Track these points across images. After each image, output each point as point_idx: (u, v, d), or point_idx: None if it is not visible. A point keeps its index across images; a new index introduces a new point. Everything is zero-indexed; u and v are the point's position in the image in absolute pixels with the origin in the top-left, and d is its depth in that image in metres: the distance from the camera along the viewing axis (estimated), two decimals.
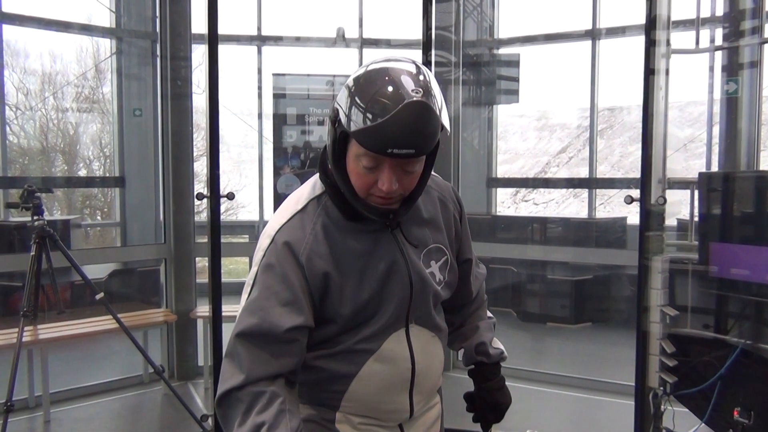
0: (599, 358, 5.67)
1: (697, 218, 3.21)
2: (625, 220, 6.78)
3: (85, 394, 4.55)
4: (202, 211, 6.52)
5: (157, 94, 5.17)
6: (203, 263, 6.03)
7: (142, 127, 5.54)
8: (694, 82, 4.60)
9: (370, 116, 1.21)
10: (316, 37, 6.16)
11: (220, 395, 1.32)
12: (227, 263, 10.14)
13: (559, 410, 4.44)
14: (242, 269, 10.19)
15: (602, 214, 9.18)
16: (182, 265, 4.93)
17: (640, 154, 3.02)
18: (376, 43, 6.23)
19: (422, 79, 1.25)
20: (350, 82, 1.28)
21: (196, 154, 5.66)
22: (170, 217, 4.90)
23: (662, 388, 3.02)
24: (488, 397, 1.64)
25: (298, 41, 6.24)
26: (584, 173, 8.69)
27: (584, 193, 8.30)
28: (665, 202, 3.01)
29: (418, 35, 3.81)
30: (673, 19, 3.07)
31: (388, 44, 6.28)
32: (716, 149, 4.51)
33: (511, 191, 13.87)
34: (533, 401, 4.44)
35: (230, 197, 3.51)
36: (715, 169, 4.63)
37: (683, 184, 3.26)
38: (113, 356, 5.28)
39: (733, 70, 4.14)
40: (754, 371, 2.91)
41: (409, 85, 1.22)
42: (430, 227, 1.49)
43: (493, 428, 1.69)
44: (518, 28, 6.79)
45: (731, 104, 4.22)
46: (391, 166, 1.27)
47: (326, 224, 1.38)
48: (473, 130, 6.51)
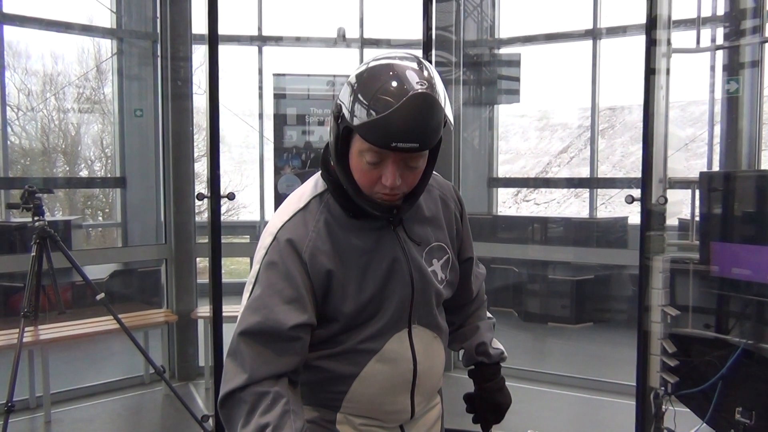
0: (600, 358, 5.66)
1: (698, 218, 3.20)
2: (626, 219, 6.77)
3: (85, 394, 4.55)
4: (202, 211, 6.52)
5: (157, 94, 5.17)
6: (204, 263, 6.03)
7: (143, 127, 5.55)
8: (695, 81, 4.60)
9: (373, 110, 1.20)
10: (316, 37, 6.16)
11: (223, 396, 1.30)
12: (228, 263, 10.14)
13: (560, 410, 4.43)
14: (243, 269, 10.19)
15: (603, 213, 9.17)
16: (183, 265, 4.93)
17: (641, 153, 3.01)
18: (376, 43, 6.23)
19: (426, 73, 1.25)
20: (353, 77, 1.28)
21: (196, 154, 5.68)
22: (171, 217, 4.90)
23: (663, 388, 3.02)
24: (488, 397, 1.63)
25: (298, 41, 6.24)
26: (585, 173, 8.69)
27: (585, 192, 8.30)
28: (666, 201, 3.01)
29: (418, 35, 3.82)
30: (673, 18, 3.07)
31: (388, 44, 6.28)
32: (717, 149, 4.51)
33: (512, 191, 13.86)
34: (534, 401, 4.44)
35: (231, 197, 3.51)
36: (716, 168, 4.62)
37: (684, 183, 3.25)
38: (114, 357, 5.28)
39: (734, 69, 4.13)
40: (755, 371, 2.90)
41: (413, 78, 1.22)
42: (431, 225, 1.49)
43: (493, 429, 1.68)
44: (519, 27, 6.80)
45: (732, 104, 4.22)
46: (394, 161, 1.27)
47: (329, 222, 1.38)
48: (474, 130, 6.51)
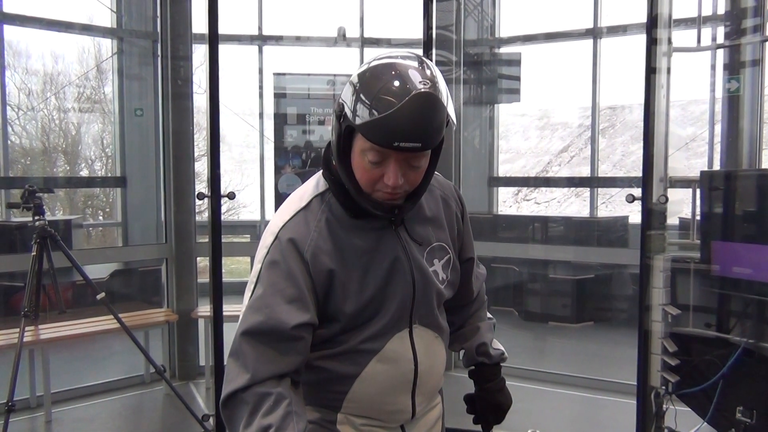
0: (601, 357, 5.66)
1: (698, 217, 3.20)
2: (626, 219, 6.77)
3: (86, 394, 4.55)
4: (203, 210, 6.52)
5: (158, 94, 5.17)
6: (204, 263, 6.03)
7: (143, 127, 5.54)
8: (695, 80, 4.60)
9: (376, 109, 1.20)
10: (316, 36, 6.16)
11: (225, 396, 1.30)
12: (228, 263, 10.14)
13: (560, 409, 4.43)
14: (243, 269, 10.19)
15: (604, 213, 9.17)
16: (183, 264, 4.93)
17: (641, 152, 3.01)
18: (376, 42, 6.23)
19: (429, 72, 1.24)
20: (355, 77, 1.27)
21: (197, 153, 5.68)
22: (171, 216, 4.90)
23: (664, 387, 3.01)
24: (489, 398, 1.63)
25: (298, 41, 6.23)
26: (586, 172, 8.68)
27: (586, 192, 8.30)
28: (667, 200, 3.00)
29: (418, 34, 3.81)
30: (674, 17, 3.06)
31: (388, 44, 6.27)
32: (718, 148, 4.50)
33: (512, 190, 13.86)
34: (535, 401, 4.43)
35: (231, 197, 3.51)
36: (717, 167, 4.62)
37: (685, 182, 3.26)
38: (114, 356, 5.28)
39: (734, 68, 4.13)
40: (756, 370, 2.90)
41: (416, 77, 1.22)
42: (432, 225, 1.49)
43: (494, 429, 1.68)
44: (519, 26, 6.80)
45: (733, 103, 4.21)
46: (397, 160, 1.26)
47: (330, 221, 1.37)
48: (474, 129, 6.51)
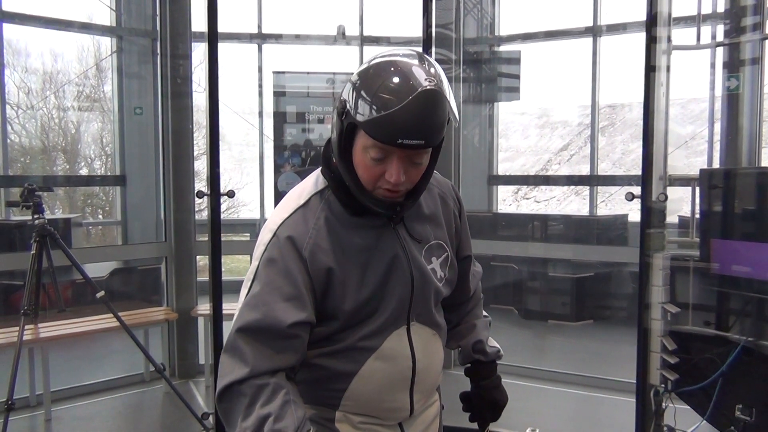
0: (600, 355, 5.66)
1: (698, 215, 3.20)
2: (626, 217, 6.76)
3: (86, 392, 4.55)
4: (202, 209, 6.52)
5: (157, 92, 5.16)
6: (204, 261, 6.03)
7: (142, 125, 5.54)
8: (695, 78, 4.60)
9: (380, 106, 1.20)
10: (316, 34, 6.16)
11: (221, 389, 1.29)
12: (228, 261, 10.14)
13: (560, 408, 4.44)
14: (243, 267, 10.19)
15: (603, 211, 9.17)
16: (183, 263, 4.93)
17: (641, 151, 3.01)
18: (376, 40, 6.22)
19: (432, 70, 1.24)
20: (358, 74, 1.27)
21: (196, 152, 5.67)
22: (171, 215, 4.89)
23: (663, 385, 3.01)
24: (485, 395, 1.63)
25: (298, 39, 6.23)
26: (585, 170, 8.69)
27: (585, 190, 8.30)
28: (666, 199, 3.00)
29: (418, 33, 3.81)
30: (674, 15, 3.06)
31: (388, 42, 6.27)
32: (717, 146, 4.51)
33: (512, 189, 13.86)
34: (534, 399, 4.44)
35: (230, 195, 3.52)
36: (716, 165, 4.62)
37: (684, 181, 3.25)
38: (114, 355, 5.28)
39: (734, 66, 4.13)
40: (755, 368, 2.90)
41: (421, 75, 1.22)
42: (431, 223, 1.49)
43: (494, 427, 1.68)
44: (519, 25, 6.80)
45: (732, 101, 4.21)
46: (399, 157, 1.26)
47: (329, 219, 1.37)
48: (474, 127, 6.51)
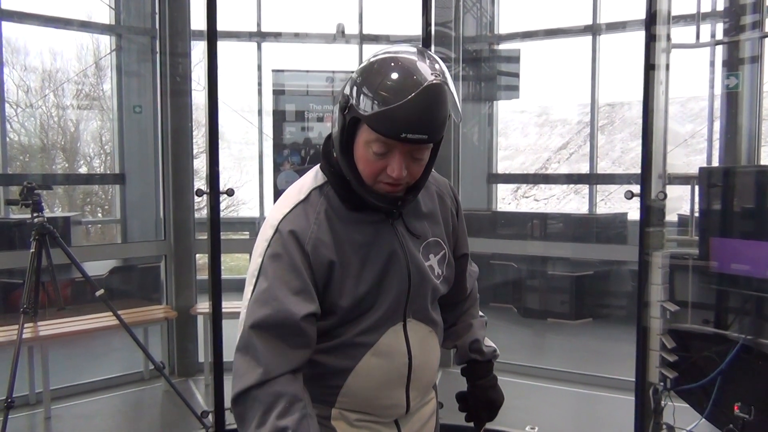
0: (600, 353, 5.67)
1: (697, 213, 3.20)
2: (625, 215, 6.77)
3: (85, 390, 4.55)
4: (202, 207, 6.51)
5: (156, 90, 5.16)
6: (203, 260, 6.03)
7: (142, 124, 5.54)
8: (694, 77, 4.59)
9: (384, 101, 1.20)
10: (315, 33, 6.15)
11: (237, 393, 1.28)
12: (227, 260, 10.14)
13: (559, 406, 4.44)
14: (242, 266, 10.19)
15: (603, 209, 9.17)
16: (182, 261, 4.93)
17: (640, 149, 3.01)
18: (375, 39, 6.22)
19: (437, 66, 1.25)
20: (362, 69, 1.27)
21: (196, 150, 5.67)
22: (170, 213, 4.89)
23: (662, 383, 3.02)
24: (482, 394, 1.64)
25: (297, 37, 6.22)
26: (585, 169, 8.69)
27: (585, 188, 8.30)
28: (666, 197, 3.00)
29: (417, 31, 3.81)
30: (673, 13, 3.06)
31: (387, 40, 6.27)
32: (717, 144, 4.50)
33: (511, 187, 13.87)
34: (533, 397, 4.44)
35: (230, 194, 3.52)
36: (715, 164, 4.62)
37: (684, 179, 3.25)
38: (113, 353, 5.28)
39: (733, 64, 4.12)
40: (754, 366, 2.90)
41: (425, 70, 1.22)
42: (429, 221, 1.49)
43: (494, 426, 1.68)
44: (518, 23, 6.79)
45: (732, 99, 4.21)
46: (401, 152, 1.27)
47: (329, 214, 1.37)
48: (473, 126, 6.51)
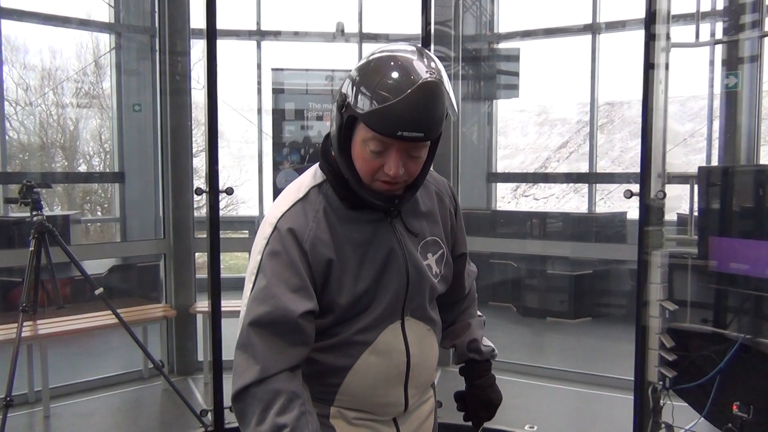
0: (599, 352, 5.67)
1: (696, 213, 3.20)
2: (624, 214, 6.77)
3: (84, 389, 4.55)
4: (201, 206, 6.51)
5: (156, 89, 5.15)
6: (203, 258, 6.03)
7: (141, 122, 5.54)
8: (694, 76, 4.60)
9: (380, 99, 1.20)
10: (315, 31, 6.15)
11: (237, 391, 1.30)
12: (227, 258, 10.14)
13: (558, 405, 4.44)
14: (242, 264, 10.19)
15: (602, 208, 9.17)
16: (182, 260, 4.93)
17: (640, 148, 3.01)
18: (375, 37, 6.22)
19: (433, 64, 1.25)
20: (359, 68, 1.28)
21: (195, 149, 5.66)
22: (170, 212, 4.89)
23: (661, 382, 3.02)
24: (480, 394, 1.64)
25: (297, 36, 6.22)
26: (584, 168, 8.70)
27: (584, 188, 8.31)
28: (665, 196, 3.00)
29: (417, 30, 3.81)
30: (672, 13, 3.06)
31: (387, 39, 6.27)
32: (716, 143, 4.50)
33: (511, 186, 13.87)
34: (532, 396, 4.44)
35: (229, 192, 3.52)
36: (714, 163, 4.62)
37: (683, 178, 3.25)
38: (113, 351, 5.28)
39: (733, 64, 4.12)
40: (753, 366, 2.91)
41: (421, 68, 1.23)
42: (427, 220, 1.50)
43: (493, 425, 1.68)
44: (518, 22, 6.78)
45: (731, 98, 4.21)
46: (398, 150, 1.27)
47: (328, 212, 1.38)
48: (473, 125, 6.51)
